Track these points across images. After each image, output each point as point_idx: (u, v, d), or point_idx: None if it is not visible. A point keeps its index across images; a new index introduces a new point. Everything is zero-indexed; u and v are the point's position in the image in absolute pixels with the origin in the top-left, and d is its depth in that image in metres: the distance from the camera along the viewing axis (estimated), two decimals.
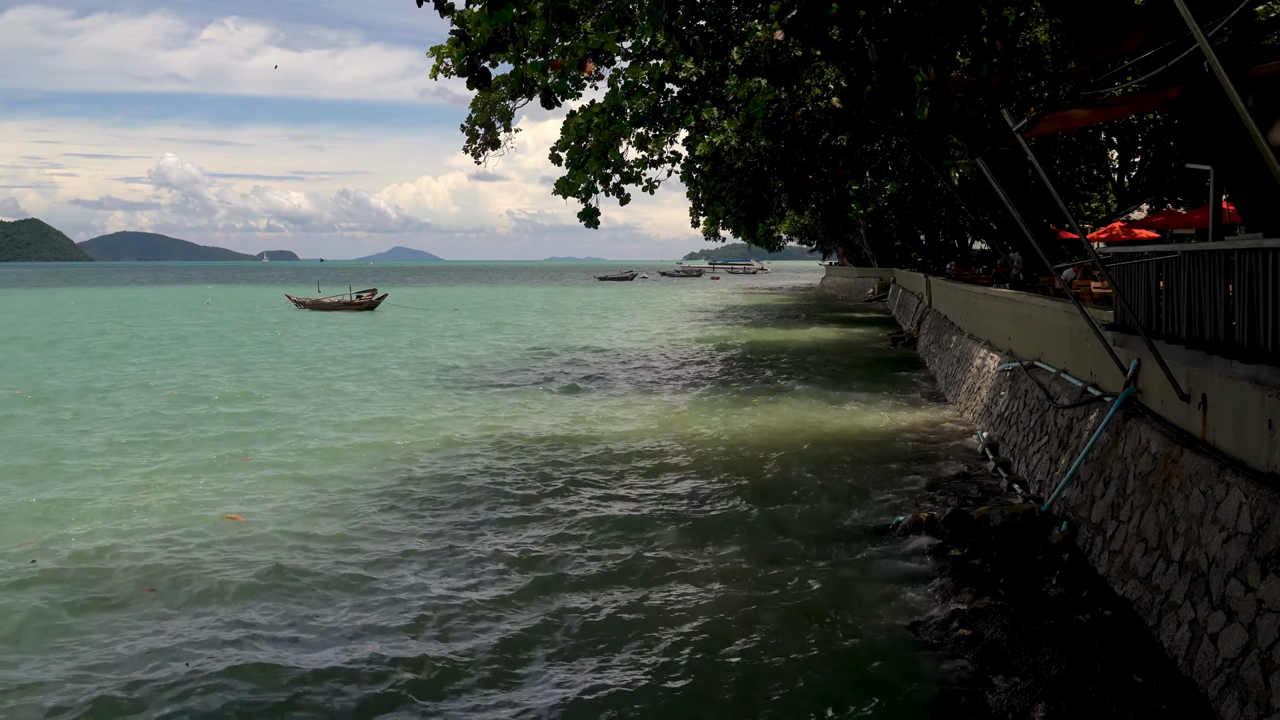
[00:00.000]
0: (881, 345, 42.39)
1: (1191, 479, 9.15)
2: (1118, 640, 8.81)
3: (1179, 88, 10.72)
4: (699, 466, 17.87)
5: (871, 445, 19.57)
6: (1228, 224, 17.12)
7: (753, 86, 26.80)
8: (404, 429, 21.67)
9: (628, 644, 9.67)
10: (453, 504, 15.15)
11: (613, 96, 25.26)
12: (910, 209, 54.14)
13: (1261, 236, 9.07)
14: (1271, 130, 9.27)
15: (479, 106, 27.52)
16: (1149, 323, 10.23)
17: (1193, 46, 7.31)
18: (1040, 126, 11.30)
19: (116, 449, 19.43)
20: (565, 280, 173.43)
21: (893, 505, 14.68)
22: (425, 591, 11.21)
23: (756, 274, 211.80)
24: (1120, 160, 38.83)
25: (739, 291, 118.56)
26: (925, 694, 8.49)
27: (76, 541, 12.90)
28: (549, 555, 12.55)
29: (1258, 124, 6.48)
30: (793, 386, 28.60)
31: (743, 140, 38.25)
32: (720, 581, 11.50)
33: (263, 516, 14.09)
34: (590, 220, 26.50)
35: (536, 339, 47.68)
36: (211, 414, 23.83)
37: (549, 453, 19.06)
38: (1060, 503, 12.68)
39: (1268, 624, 6.98)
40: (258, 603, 10.73)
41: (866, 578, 11.47)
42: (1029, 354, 18.60)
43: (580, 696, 8.56)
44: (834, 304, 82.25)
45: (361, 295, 71.61)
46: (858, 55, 21.28)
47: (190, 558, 12.20)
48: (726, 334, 51.27)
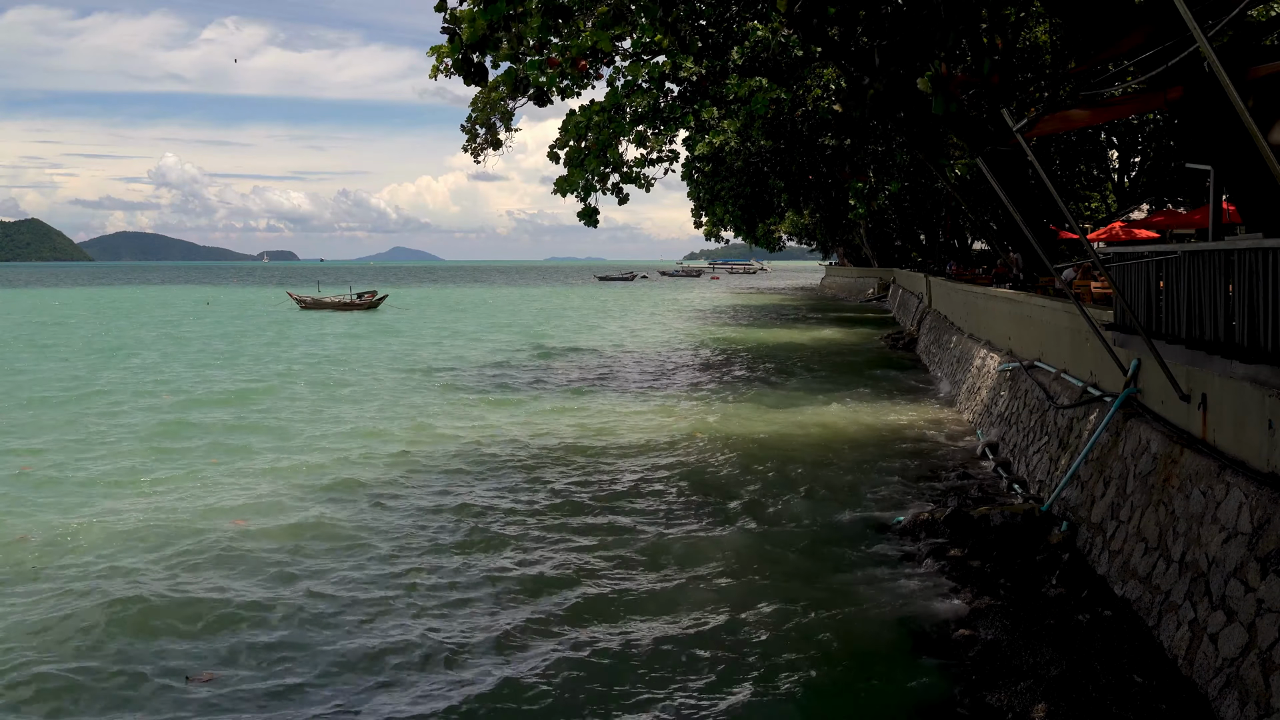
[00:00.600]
0: (881, 345, 42.38)
1: (1191, 479, 9.15)
2: (1118, 640, 8.81)
3: (1179, 88, 10.71)
4: (698, 466, 17.86)
5: (871, 445, 19.56)
6: (1228, 224, 17.12)
7: (753, 85, 26.82)
8: (404, 430, 21.66)
9: (624, 642, 9.66)
10: (454, 504, 15.14)
11: (613, 95, 25.27)
12: (910, 209, 54.13)
13: (1261, 236, 9.06)
14: (1271, 130, 9.26)
15: (479, 106, 27.52)
16: (1149, 323, 10.23)
17: (1193, 46, 7.31)
18: (1040, 126, 11.30)
19: (115, 452, 19.42)
20: (565, 281, 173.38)
21: (893, 505, 14.68)
22: (425, 593, 11.20)
23: (756, 274, 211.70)
24: (1120, 160, 38.83)
25: (739, 292, 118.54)
26: (925, 694, 8.49)
27: (73, 544, 12.87)
28: (549, 555, 12.54)
29: (1258, 124, 6.48)
30: (792, 386, 28.59)
31: (743, 140, 38.27)
32: (719, 580, 11.49)
33: (266, 521, 14.03)
34: (590, 219, 26.51)
35: (536, 339, 47.67)
36: (211, 415, 23.82)
37: (549, 453, 19.06)
38: (1060, 503, 12.67)
39: (1268, 624, 6.97)
40: (260, 609, 10.67)
41: (866, 578, 11.47)
42: (1029, 354, 18.60)
43: (579, 693, 8.56)
44: (834, 304, 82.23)
45: (362, 296, 71.70)
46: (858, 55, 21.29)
47: (193, 562, 12.17)
48: (726, 334, 51.26)
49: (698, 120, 28.04)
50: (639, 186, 29.19)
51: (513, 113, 27.55)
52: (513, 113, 27.55)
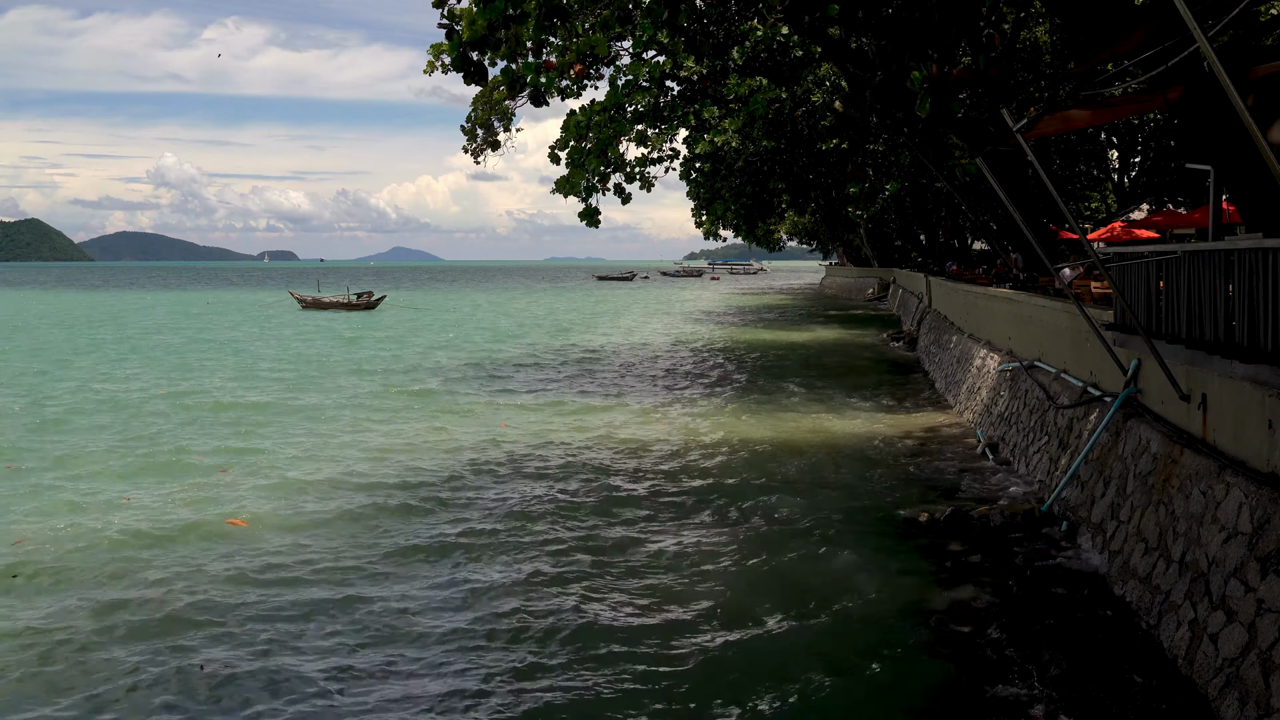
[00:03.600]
0: (881, 345, 42.38)
1: (1191, 479, 9.15)
2: (1118, 640, 8.82)
3: (1179, 88, 10.72)
4: (698, 466, 17.86)
5: (871, 445, 19.56)
6: (1228, 224, 17.10)
7: (753, 85, 26.82)
8: (402, 431, 21.67)
9: (625, 639, 9.66)
10: (455, 506, 15.14)
11: (613, 94, 25.26)
12: (910, 209, 54.12)
13: (1261, 236, 9.07)
14: (1271, 130, 9.26)
15: (479, 106, 27.53)
16: (1149, 323, 10.24)
17: (1193, 46, 7.31)
18: (1040, 127, 11.31)
19: (115, 452, 19.42)
20: (565, 281, 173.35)
21: (893, 505, 14.68)
22: (423, 595, 11.20)
23: (756, 274, 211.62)
24: (1120, 160, 38.83)
25: (739, 292, 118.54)
26: (925, 694, 8.49)
27: (70, 545, 12.85)
28: (548, 555, 12.54)
29: (1258, 124, 6.48)
30: (792, 386, 28.59)
31: (743, 140, 38.29)
32: (719, 579, 11.49)
33: (264, 521, 14.03)
34: (591, 219, 26.48)
35: (536, 339, 47.68)
36: (211, 417, 23.82)
37: (549, 453, 19.06)
38: (1060, 503, 12.68)
39: (1268, 624, 6.97)
40: (259, 608, 10.67)
41: (866, 577, 11.45)
42: (1029, 354, 18.60)
43: (579, 692, 8.56)
44: (834, 304, 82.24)
45: (360, 296, 71.84)
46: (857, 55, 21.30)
47: (191, 563, 12.15)
48: (726, 334, 51.27)
49: (698, 119, 28.04)
50: (640, 186, 29.19)
51: (513, 113, 27.57)
52: (513, 113, 27.57)
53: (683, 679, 8.87)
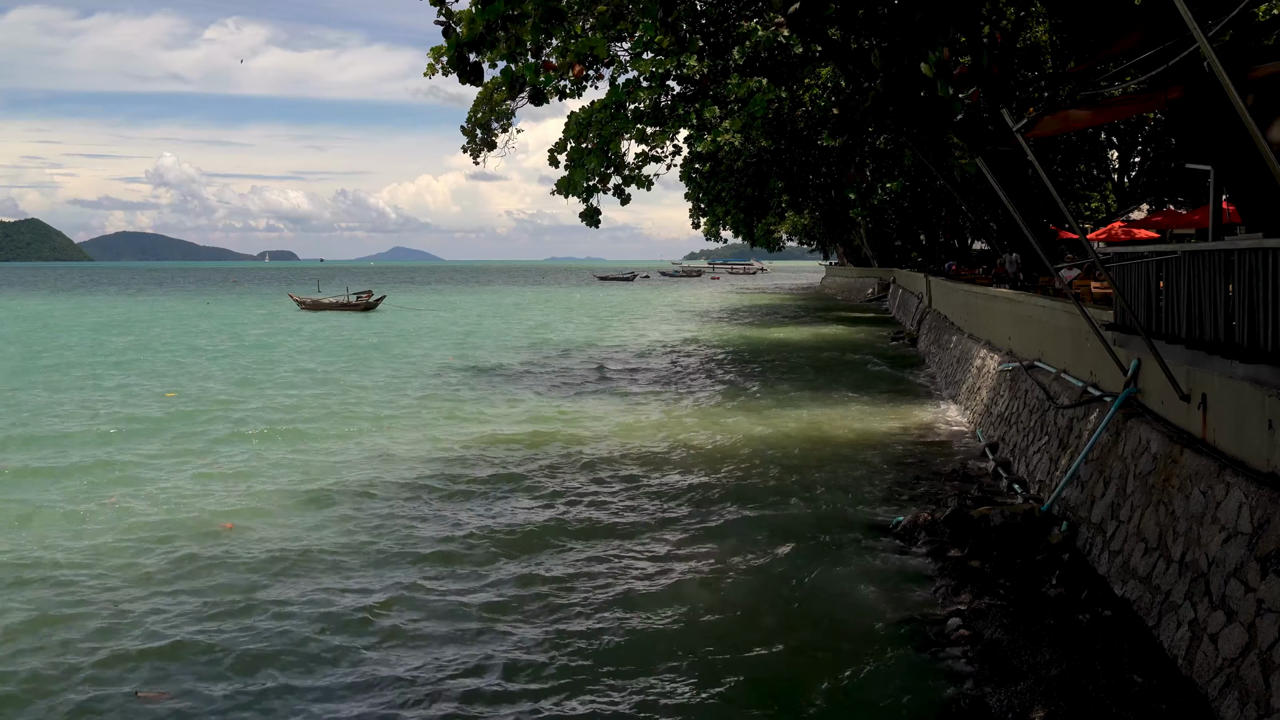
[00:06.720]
0: (881, 345, 42.37)
1: (1191, 479, 9.14)
2: (1118, 640, 8.81)
3: (1179, 88, 10.71)
4: (698, 466, 17.85)
5: (871, 445, 19.56)
6: (1228, 224, 17.10)
7: (753, 86, 26.83)
8: (400, 432, 21.66)
9: (622, 643, 9.66)
10: (452, 506, 15.14)
11: (614, 93, 25.28)
12: (910, 209, 54.15)
13: (1261, 236, 9.06)
14: (1271, 130, 9.25)
15: (479, 107, 27.53)
16: (1149, 323, 10.23)
17: (1193, 46, 7.31)
18: (1040, 127, 11.30)
19: (112, 451, 19.41)
20: (565, 281, 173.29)
21: (892, 505, 14.68)
22: (419, 596, 11.20)
23: (756, 274, 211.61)
24: (1120, 160, 38.85)
25: (739, 292, 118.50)
26: (925, 694, 8.49)
27: (68, 545, 12.85)
28: (547, 555, 12.54)
29: (1258, 124, 6.48)
30: (792, 387, 28.58)
31: (744, 140, 38.29)
32: (719, 580, 11.50)
33: (254, 525, 13.93)
34: (591, 219, 26.53)
35: (536, 339, 47.67)
36: (211, 416, 23.82)
37: (549, 454, 19.05)
38: (1060, 503, 12.67)
39: (1268, 624, 6.97)
40: (249, 614, 10.59)
41: (866, 578, 11.46)
42: (1029, 354, 18.60)
43: (578, 692, 8.56)
44: (834, 304, 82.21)
45: (359, 296, 71.80)
46: (857, 55, 21.29)
47: (181, 566, 12.07)
48: (726, 333, 51.25)
49: (699, 119, 28.06)
50: (640, 186, 29.21)
51: (512, 113, 27.58)
52: (512, 113, 27.58)
53: (682, 678, 8.87)
